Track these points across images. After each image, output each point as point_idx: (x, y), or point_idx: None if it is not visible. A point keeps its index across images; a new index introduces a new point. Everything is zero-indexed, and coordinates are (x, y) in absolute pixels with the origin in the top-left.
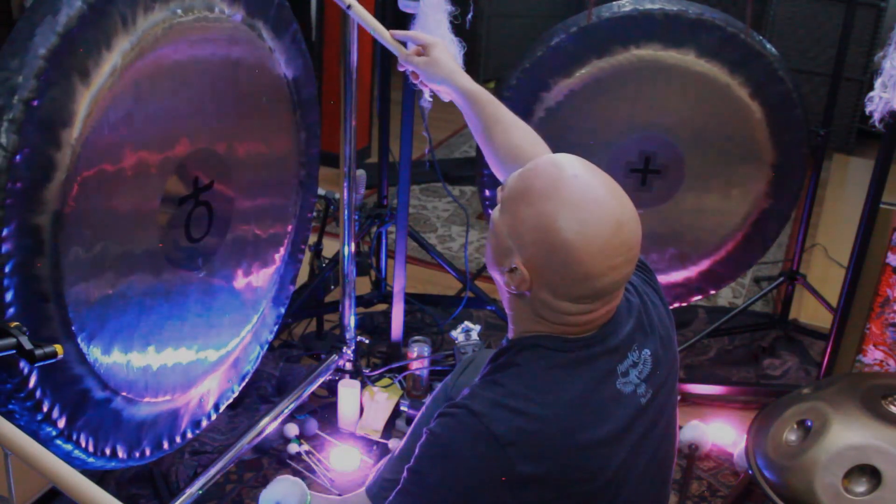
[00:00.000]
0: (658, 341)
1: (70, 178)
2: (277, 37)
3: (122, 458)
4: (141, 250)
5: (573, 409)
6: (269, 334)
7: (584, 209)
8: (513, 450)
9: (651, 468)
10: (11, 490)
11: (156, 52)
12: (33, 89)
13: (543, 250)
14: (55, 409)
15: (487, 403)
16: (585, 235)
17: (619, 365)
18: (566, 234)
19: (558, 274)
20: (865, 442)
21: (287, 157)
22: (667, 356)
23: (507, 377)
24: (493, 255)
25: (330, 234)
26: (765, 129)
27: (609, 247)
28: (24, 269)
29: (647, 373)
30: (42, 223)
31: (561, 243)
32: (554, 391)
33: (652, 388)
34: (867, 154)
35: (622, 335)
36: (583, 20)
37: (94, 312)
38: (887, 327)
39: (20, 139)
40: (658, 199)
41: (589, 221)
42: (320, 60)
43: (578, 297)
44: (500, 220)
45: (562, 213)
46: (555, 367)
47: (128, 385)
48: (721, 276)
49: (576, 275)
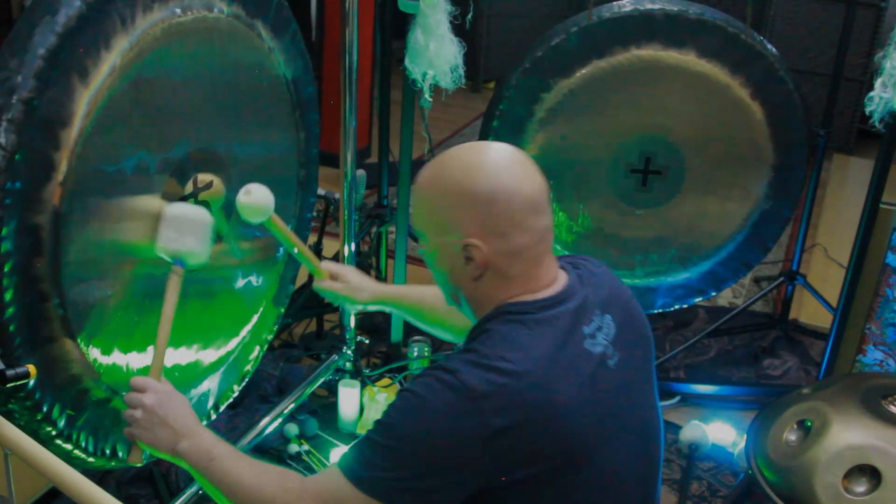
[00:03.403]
0: (618, 311)
1: (69, 177)
2: (277, 36)
3: (122, 459)
4: (140, 250)
5: (543, 365)
6: (270, 334)
7: (464, 162)
8: (486, 402)
9: (632, 442)
10: (11, 490)
11: (155, 52)
12: (32, 89)
13: (474, 210)
14: (55, 409)
15: (461, 362)
16: (480, 169)
17: (585, 327)
18: (470, 182)
19: (495, 213)
20: (865, 442)
21: (286, 156)
22: (631, 325)
23: (479, 343)
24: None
25: (330, 234)
26: (765, 129)
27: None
28: (23, 268)
29: (613, 336)
30: (41, 222)
31: (474, 191)
32: (523, 349)
33: (619, 352)
34: (867, 154)
35: (580, 299)
36: (583, 20)
37: (93, 312)
38: (887, 327)
39: (19, 139)
40: (659, 199)
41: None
42: (320, 60)
43: (519, 219)
44: (428, 242)
45: (458, 175)
46: (522, 327)
47: (127, 385)
48: (722, 277)
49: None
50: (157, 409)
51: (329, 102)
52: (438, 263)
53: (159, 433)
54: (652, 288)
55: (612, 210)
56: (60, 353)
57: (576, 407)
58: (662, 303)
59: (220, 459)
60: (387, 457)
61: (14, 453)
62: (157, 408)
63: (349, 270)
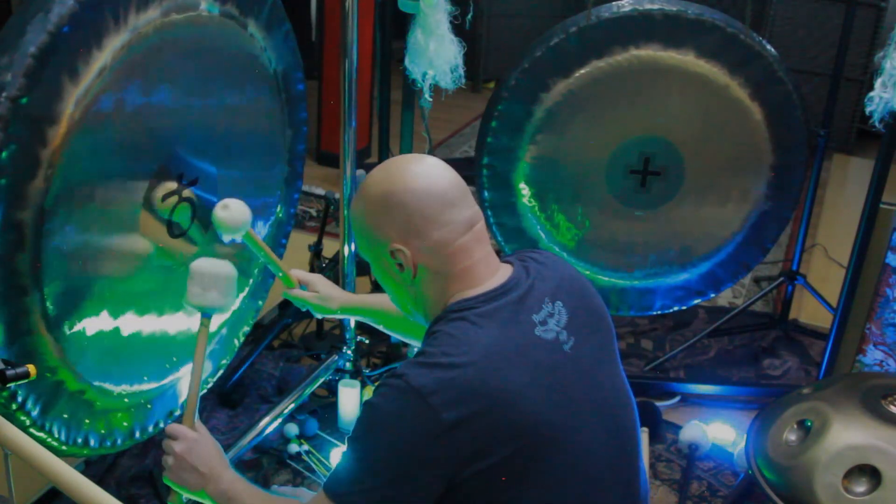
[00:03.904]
0: (570, 297)
1: (54, 174)
2: (268, 34)
3: (94, 447)
4: (122, 246)
5: (488, 355)
6: (247, 327)
7: (379, 176)
8: (435, 398)
9: (599, 425)
10: (11, 490)
11: (145, 50)
12: (21, 87)
13: (391, 217)
14: (29, 399)
15: (410, 366)
16: (391, 179)
17: (535, 315)
18: (384, 193)
19: (409, 215)
20: (865, 442)
21: (272, 153)
22: (587, 310)
23: (427, 345)
24: (390, 279)
25: (330, 234)
26: (764, 129)
27: (409, 171)
28: (5, 262)
29: (566, 321)
30: (24, 218)
31: (388, 201)
32: (467, 342)
33: (574, 337)
34: (867, 154)
35: (525, 288)
36: (583, 20)
37: (73, 306)
38: (887, 327)
39: (6, 136)
40: (658, 200)
41: (388, 175)
42: (320, 60)
43: (435, 216)
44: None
45: (376, 191)
46: (465, 323)
47: (102, 376)
48: (721, 278)
49: (415, 202)
50: (186, 456)
51: (329, 102)
52: (381, 277)
53: (187, 477)
54: (651, 289)
55: (611, 211)
56: (37, 345)
57: (531, 393)
58: (661, 304)
59: (235, 500)
60: (360, 469)
61: (14, 453)
62: (186, 455)
63: (318, 279)
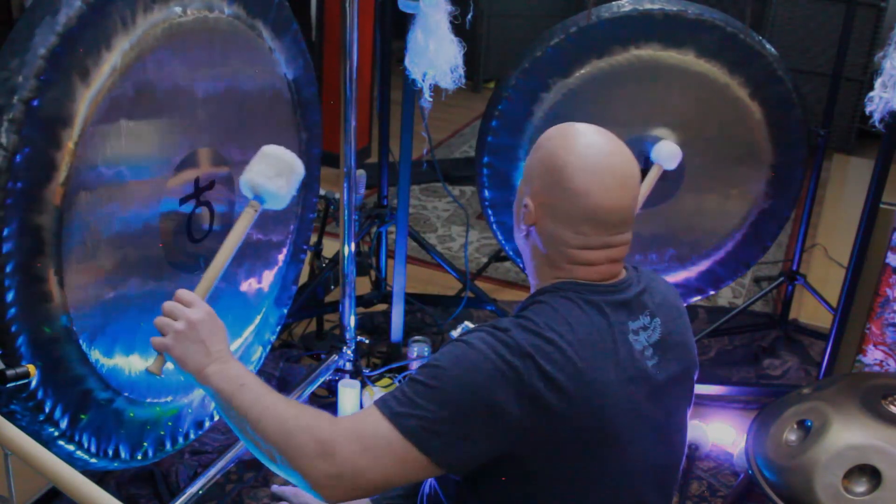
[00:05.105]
0: (668, 321)
1: (70, 177)
2: (278, 37)
3: (125, 459)
4: (142, 251)
5: (585, 346)
6: (272, 335)
7: (579, 142)
8: (530, 361)
9: (655, 449)
10: (11, 490)
11: (155, 52)
12: (33, 89)
13: (545, 179)
14: (57, 409)
15: (513, 324)
16: (579, 156)
17: (631, 322)
18: (562, 158)
19: (556, 196)
20: (865, 442)
21: None
22: (678, 340)
23: (531, 311)
24: (515, 216)
25: (330, 234)
26: (764, 129)
27: (599, 167)
28: (25, 269)
29: (656, 340)
30: (43, 223)
31: (557, 166)
32: (570, 325)
33: (658, 356)
34: (867, 154)
35: (631, 294)
36: (582, 20)
37: (95, 313)
38: (887, 327)
39: (20, 139)
40: (657, 199)
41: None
42: (320, 60)
43: (576, 220)
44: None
45: (561, 145)
46: (571, 305)
47: (130, 385)
48: (720, 276)
49: (570, 193)
50: (199, 326)
51: (329, 102)
52: (515, 205)
53: (193, 349)
54: None
55: None
56: (63, 353)
57: (612, 391)
58: None
59: (253, 386)
60: (427, 396)
61: (14, 453)
62: (200, 324)
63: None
